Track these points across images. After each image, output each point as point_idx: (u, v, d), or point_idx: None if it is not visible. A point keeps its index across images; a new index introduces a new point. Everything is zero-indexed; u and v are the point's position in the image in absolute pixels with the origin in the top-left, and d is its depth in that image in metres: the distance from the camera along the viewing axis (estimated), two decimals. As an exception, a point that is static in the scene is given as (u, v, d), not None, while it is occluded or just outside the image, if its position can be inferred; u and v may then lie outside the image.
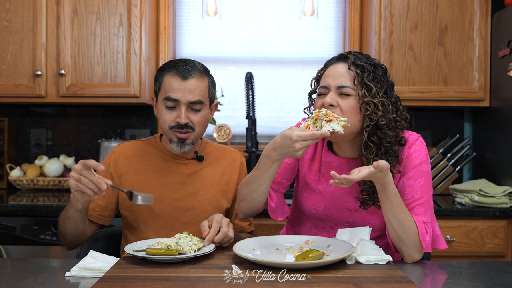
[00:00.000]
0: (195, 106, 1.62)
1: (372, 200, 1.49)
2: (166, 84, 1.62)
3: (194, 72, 1.63)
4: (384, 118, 1.45)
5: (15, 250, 2.38)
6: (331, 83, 1.48)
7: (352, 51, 1.54)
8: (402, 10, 2.71)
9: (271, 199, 1.60)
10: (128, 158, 1.73)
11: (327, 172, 1.57)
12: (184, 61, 1.66)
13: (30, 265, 1.41)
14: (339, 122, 1.37)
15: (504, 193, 2.40)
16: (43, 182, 2.82)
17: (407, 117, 1.52)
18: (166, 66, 1.66)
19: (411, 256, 1.45)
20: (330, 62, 1.55)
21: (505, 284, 1.25)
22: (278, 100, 3.13)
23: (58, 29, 2.68)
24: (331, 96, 1.46)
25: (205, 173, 1.74)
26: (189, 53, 3.13)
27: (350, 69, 1.47)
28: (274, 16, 3.14)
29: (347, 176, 1.32)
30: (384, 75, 1.51)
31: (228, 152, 1.81)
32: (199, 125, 1.65)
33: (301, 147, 1.35)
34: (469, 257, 2.38)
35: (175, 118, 1.62)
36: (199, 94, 1.62)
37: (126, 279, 1.20)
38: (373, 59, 1.52)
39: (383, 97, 1.47)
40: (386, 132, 1.45)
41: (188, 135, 1.63)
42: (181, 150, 1.66)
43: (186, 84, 1.60)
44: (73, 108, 3.06)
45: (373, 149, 1.45)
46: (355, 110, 1.45)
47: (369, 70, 1.47)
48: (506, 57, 2.55)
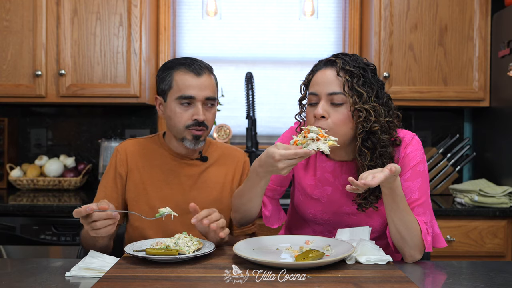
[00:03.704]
0: (210, 102, 1.62)
1: (369, 202, 1.48)
2: (180, 82, 1.60)
3: (205, 69, 1.62)
4: (377, 123, 1.43)
5: (15, 250, 2.38)
6: (321, 91, 1.45)
7: (340, 54, 1.50)
8: (402, 10, 2.71)
9: (265, 208, 1.58)
10: (132, 156, 1.71)
11: (322, 176, 1.57)
12: (190, 58, 1.64)
13: (30, 265, 1.41)
14: (326, 142, 1.33)
15: (504, 193, 2.40)
16: (43, 182, 2.83)
17: (399, 115, 1.51)
18: (172, 64, 1.63)
19: (412, 256, 1.44)
20: (318, 66, 1.52)
21: (505, 284, 1.25)
22: (278, 100, 3.13)
23: (58, 29, 2.68)
24: (322, 106, 1.43)
25: (209, 174, 1.72)
26: (189, 53, 3.13)
27: (339, 75, 1.44)
28: (274, 16, 3.14)
29: (366, 182, 1.28)
30: (374, 76, 1.48)
31: (232, 151, 1.80)
32: (211, 122, 1.65)
33: (284, 166, 1.32)
34: (469, 257, 2.38)
35: (191, 116, 1.60)
36: (212, 91, 1.63)
37: (126, 279, 1.20)
38: (361, 60, 1.48)
39: (375, 101, 1.44)
40: (380, 137, 1.44)
41: (203, 132, 1.63)
42: (195, 148, 1.64)
43: (200, 80, 1.59)
44: (73, 108, 3.06)
45: (367, 154, 1.44)
46: (347, 119, 1.43)
47: (359, 75, 1.44)
48: (506, 57, 2.55)
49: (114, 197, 1.69)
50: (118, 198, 1.70)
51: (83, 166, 2.95)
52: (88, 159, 3.06)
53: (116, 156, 1.72)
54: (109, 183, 1.70)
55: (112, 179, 1.70)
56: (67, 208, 2.36)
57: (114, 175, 1.70)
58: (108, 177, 1.70)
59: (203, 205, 1.67)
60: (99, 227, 1.35)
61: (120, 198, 1.70)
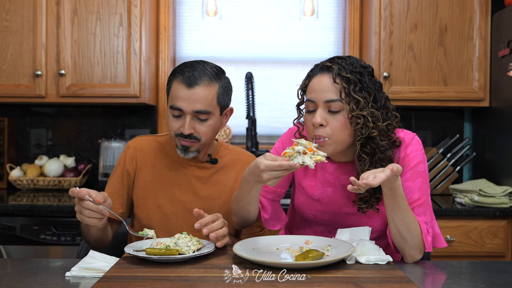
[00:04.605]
0: (200, 116, 1.56)
1: (370, 205, 1.48)
2: (173, 91, 1.57)
3: (201, 79, 1.54)
4: (376, 128, 1.42)
5: (15, 250, 2.38)
6: (318, 98, 1.43)
7: (336, 58, 1.47)
8: (402, 10, 2.71)
9: (265, 211, 1.58)
10: (144, 153, 1.71)
11: (323, 177, 1.57)
12: (193, 66, 1.58)
13: (30, 265, 1.41)
14: (313, 157, 1.31)
15: (504, 193, 2.40)
16: (43, 182, 2.83)
17: (397, 116, 1.49)
18: (176, 70, 1.60)
19: (412, 256, 1.44)
20: (314, 72, 1.49)
21: (505, 284, 1.25)
22: (278, 100, 3.13)
23: (58, 29, 2.68)
24: (320, 114, 1.42)
25: (219, 176, 1.70)
26: (189, 53, 3.13)
27: (336, 82, 1.42)
28: (274, 16, 3.14)
29: (367, 182, 1.28)
30: (371, 79, 1.46)
31: (242, 155, 1.76)
32: (205, 135, 1.59)
33: (268, 177, 1.31)
34: (469, 257, 2.38)
35: (179, 126, 1.57)
36: (205, 104, 1.54)
37: (126, 279, 1.20)
38: (358, 63, 1.45)
39: (372, 106, 1.43)
40: (379, 142, 1.43)
41: (192, 144, 1.59)
42: (185, 157, 1.62)
43: (191, 92, 1.53)
44: (73, 108, 3.06)
45: (366, 160, 1.44)
46: (345, 126, 1.42)
47: (355, 81, 1.41)
48: (506, 57, 2.55)
49: (120, 193, 1.69)
50: (124, 194, 1.70)
51: (83, 166, 2.95)
52: (88, 159, 3.06)
53: (126, 153, 1.72)
54: (117, 179, 1.71)
55: (120, 176, 1.70)
56: (67, 208, 2.36)
57: (122, 171, 1.70)
58: (116, 173, 1.71)
59: (212, 207, 1.65)
60: (86, 215, 1.39)
61: (125, 194, 1.70)
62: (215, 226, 1.44)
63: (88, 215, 1.39)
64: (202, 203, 1.66)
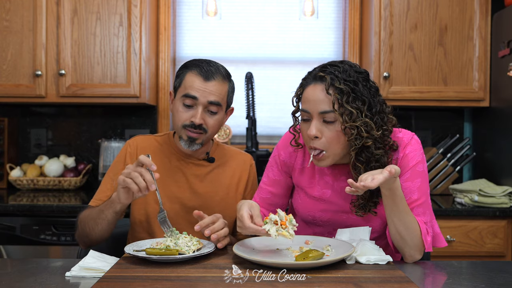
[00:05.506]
0: (212, 107, 1.61)
1: (367, 208, 1.49)
2: (187, 82, 1.61)
3: (217, 75, 1.61)
4: (370, 138, 1.41)
5: (15, 250, 2.38)
6: (313, 109, 1.43)
7: (328, 66, 1.44)
8: (402, 10, 2.71)
9: None
10: (143, 151, 1.73)
11: (321, 179, 1.57)
12: (208, 62, 1.64)
13: (30, 265, 1.41)
14: (279, 231, 1.35)
15: (504, 193, 2.40)
16: (43, 182, 2.82)
17: (394, 120, 1.48)
18: (190, 63, 1.65)
19: (412, 256, 1.45)
20: (308, 81, 1.48)
21: (505, 284, 1.26)
22: (278, 100, 3.13)
23: (58, 29, 2.68)
24: (315, 125, 1.43)
25: (215, 174, 1.74)
26: (189, 53, 3.13)
27: (329, 93, 1.40)
28: (274, 16, 3.14)
29: (365, 184, 1.29)
30: (366, 84, 1.44)
31: (238, 154, 1.81)
32: (212, 128, 1.64)
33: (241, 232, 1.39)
34: (469, 257, 2.38)
35: (190, 117, 1.61)
36: (219, 97, 1.61)
37: (126, 279, 1.20)
38: (352, 70, 1.43)
39: (366, 116, 1.41)
40: (373, 151, 1.43)
41: (199, 135, 1.63)
42: (189, 149, 1.65)
43: (207, 85, 1.60)
44: (73, 108, 3.06)
45: (361, 168, 1.44)
46: (340, 136, 1.42)
47: (348, 92, 1.40)
48: (506, 57, 2.55)
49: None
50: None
51: (83, 166, 2.95)
52: (88, 159, 3.06)
53: (127, 149, 1.74)
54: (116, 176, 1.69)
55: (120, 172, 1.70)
56: (67, 208, 2.36)
57: (122, 168, 1.69)
58: (117, 169, 1.71)
59: (209, 204, 1.69)
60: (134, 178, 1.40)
61: None
62: (216, 227, 1.46)
63: (135, 178, 1.40)
64: (199, 200, 1.69)
